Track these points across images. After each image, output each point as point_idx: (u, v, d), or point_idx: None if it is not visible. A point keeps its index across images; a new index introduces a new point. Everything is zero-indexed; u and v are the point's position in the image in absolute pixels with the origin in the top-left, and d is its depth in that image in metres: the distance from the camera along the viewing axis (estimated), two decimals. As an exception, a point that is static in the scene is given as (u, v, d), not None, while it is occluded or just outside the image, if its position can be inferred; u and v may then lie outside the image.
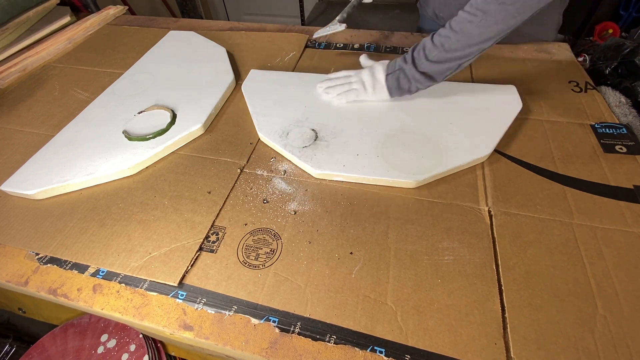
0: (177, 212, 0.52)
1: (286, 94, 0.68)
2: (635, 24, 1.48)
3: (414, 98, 0.64)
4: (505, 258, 0.44)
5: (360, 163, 0.54)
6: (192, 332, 0.41)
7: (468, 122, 0.59)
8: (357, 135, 0.59)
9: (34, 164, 0.59)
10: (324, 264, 0.45)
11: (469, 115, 0.61)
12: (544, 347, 0.37)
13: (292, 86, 0.70)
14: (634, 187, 0.50)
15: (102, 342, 0.59)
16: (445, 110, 0.62)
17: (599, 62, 0.72)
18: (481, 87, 0.66)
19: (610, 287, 0.41)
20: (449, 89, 0.66)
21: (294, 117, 0.63)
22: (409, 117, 0.61)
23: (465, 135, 0.57)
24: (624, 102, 0.62)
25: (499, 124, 0.58)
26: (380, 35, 0.87)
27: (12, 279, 0.47)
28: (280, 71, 0.74)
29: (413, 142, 0.57)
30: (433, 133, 0.58)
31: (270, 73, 0.74)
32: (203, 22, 0.98)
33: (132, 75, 0.77)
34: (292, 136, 0.59)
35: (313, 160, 0.55)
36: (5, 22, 0.95)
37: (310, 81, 0.70)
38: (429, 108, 0.63)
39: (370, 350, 0.38)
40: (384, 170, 0.53)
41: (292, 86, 0.70)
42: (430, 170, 0.52)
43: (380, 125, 0.60)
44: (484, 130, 0.58)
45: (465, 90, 0.66)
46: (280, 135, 0.60)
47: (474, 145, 0.55)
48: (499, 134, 0.57)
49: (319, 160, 0.55)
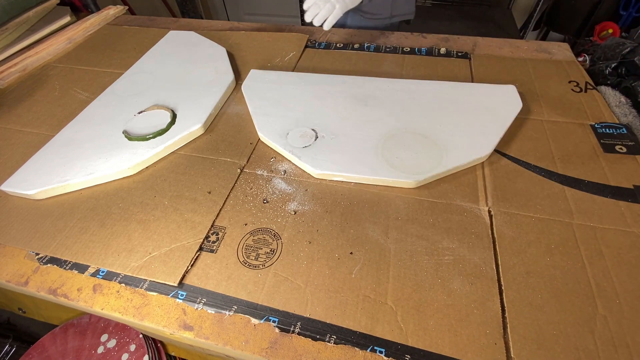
0: (177, 212, 0.52)
1: (286, 94, 0.68)
2: (635, 24, 1.49)
3: (414, 98, 0.64)
4: (505, 258, 0.44)
5: (361, 163, 0.54)
6: (192, 332, 0.41)
7: (468, 122, 0.59)
8: (357, 135, 0.59)
9: (34, 164, 0.59)
10: (324, 264, 0.45)
11: (469, 115, 0.60)
12: (544, 347, 0.37)
13: (292, 86, 0.70)
14: (633, 187, 0.50)
15: (102, 342, 0.59)
16: (446, 110, 0.62)
17: (599, 62, 0.72)
18: (481, 87, 0.66)
19: (610, 287, 0.41)
20: (449, 89, 0.66)
21: (294, 117, 0.63)
22: (409, 117, 0.61)
23: (465, 135, 0.57)
24: (624, 102, 0.63)
25: (499, 124, 0.58)
26: (380, 35, 0.87)
27: (12, 279, 0.47)
28: (280, 71, 0.74)
29: (413, 142, 0.57)
30: (433, 133, 0.58)
31: (270, 73, 0.74)
32: (203, 22, 0.98)
33: (132, 75, 0.77)
34: (292, 136, 0.59)
35: (313, 160, 0.55)
36: (5, 22, 0.95)
37: (310, 81, 0.70)
38: (429, 108, 0.63)
39: (370, 350, 0.38)
40: (384, 170, 0.53)
41: (292, 86, 0.70)
42: (430, 170, 0.52)
43: (380, 125, 0.60)
44: (484, 130, 0.57)
45: (465, 90, 0.66)
46: (280, 135, 0.60)
47: (473, 145, 0.55)
48: (499, 134, 0.57)
49: (319, 160, 0.55)
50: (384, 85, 0.68)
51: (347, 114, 0.63)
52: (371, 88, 0.68)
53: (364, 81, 0.69)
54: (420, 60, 0.77)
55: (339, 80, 0.70)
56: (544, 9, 1.71)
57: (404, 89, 0.67)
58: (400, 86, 0.68)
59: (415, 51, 0.80)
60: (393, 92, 0.67)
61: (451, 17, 1.70)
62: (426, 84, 0.68)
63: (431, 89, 0.60)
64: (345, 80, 0.70)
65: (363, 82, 0.69)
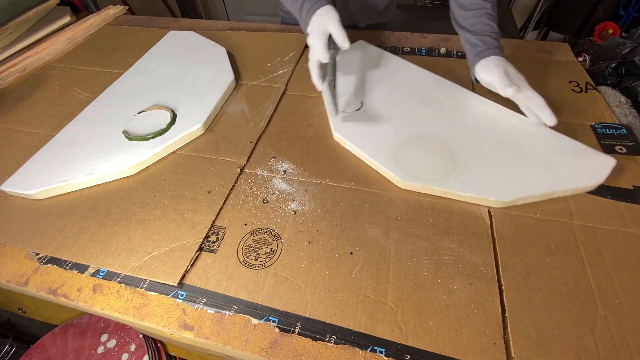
0: (177, 212, 0.52)
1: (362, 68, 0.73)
2: (635, 24, 1.48)
3: (476, 117, 0.60)
4: (505, 258, 0.44)
5: (372, 143, 0.57)
6: (192, 332, 0.41)
7: (520, 167, 0.52)
8: (392, 121, 0.61)
9: (34, 164, 0.59)
10: (324, 264, 0.45)
11: (528, 163, 0.53)
12: (544, 347, 0.37)
13: (375, 61, 0.75)
14: (633, 187, 0.50)
15: (102, 342, 0.59)
16: (505, 148, 0.55)
17: (599, 62, 0.72)
18: (570, 143, 0.55)
19: (610, 287, 0.41)
20: (530, 128, 0.58)
21: (356, 86, 0.68)
22: (454, 131, 0.58)
23: (496, 173, 0.52)
24: (624, 102, 0.62)
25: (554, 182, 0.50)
26: (380, 35, 0.87)
27: (12, 279, 0.47)
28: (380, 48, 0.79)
29: (433, 150, 0.55)
30: (462, 151, 0.55)
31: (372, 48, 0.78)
32: (203, 22, 0.98)
33: (132, 75, 0.77)
34: (343, 100, 0.65)
35: (341, 125, 0.60)
36: (5, 22, 0.95)
37: (395, 64, 0.74)
38: (486, 133, 0.57)
39: (370, 350, 0.38)
40: (386, 160, 0.54)
41: (375, 61, 0.75)
42: (442, 182, 0.51)
43: (418, 124, 0.60)
44: (523, 179, 0.51)
45: (544, 135, 0.56)
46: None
47: (494, 185, 0.50)
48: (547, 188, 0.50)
49: (345, 125, 0.60)
50: (456, 93, 0.65)
51: (399, 101, 0.64)
52: (440, 91, 0.66)
53: (439, 83, 0.68)
54: (420, 60, 0.77)
55: (419, 72, 0.71)
56: (544, 9, 1.71)
57: (472, 109, 0.62)
58: (474, 102, 0.63)
59: (415, 51, 0.80)
60: (459, 101, 0.63)
61: (451, 17, 1.70)
62: (502, 111, 0.61)
63: (505, 119, 0.56)
64: (424, 75, 0.70)
65: (438, 84, 0.68)
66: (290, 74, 0.76)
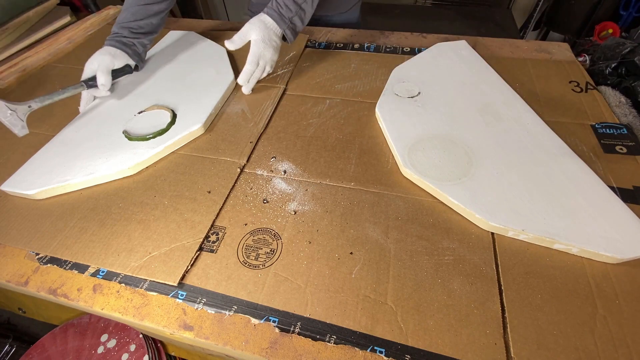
0: (177, 211, 0.52)
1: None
2: (635, 24, 1.49)
3: (518, 139, 0.56)
4: (505, 258, 0.44)
5: (398, 131, 0.58)
6: (192, 332, 0.41)
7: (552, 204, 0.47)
8: (434, 116, 0.61)
9: (34, 164, 0.59)
10: (324, 264, 0.45)
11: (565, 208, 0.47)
12: (544, 347, 0.37)
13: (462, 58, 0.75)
14: (633, 187, 0.50)
15: (102, 342, 0.59)
16: (538, 182, 0.50)
17: (599, 62, 0.72)
18: (619, 208, 0.46)
19: (610, 287, 0.41)
20: (592, 186, 0.50)
21: (419, 76, 0.70)
22: (485, 140, 0.57)
23: (519, 200, 0.48)
24: (624, 102, 0.63)
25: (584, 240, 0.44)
26: (380, 35, 0.87)
27: (12, 279, 0.47)
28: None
29: (447, 152, 0.55)
30: (478, 159, 0.53)
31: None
32: (203, 22, 0.98)
33: (132, 75, 0.77)
34: (402, 85, 0.67)
35: (389, 110, 0.63)
36: (5, 22, 0.95)
37: (476, 65, 0.73)
38: (539, 172, 0.51)
39: (370, 350, 0.38)
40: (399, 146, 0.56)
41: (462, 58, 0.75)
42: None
43: (454, 129, 0.59)
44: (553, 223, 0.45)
45: (596, 191, 0.49)
46: (398, 80, 0.68)
47: (505, 209, 0.47)
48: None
49: (390, 109, 0.63)
50: (524, 117, 0.60)
51: (456, 102, 0.64)
52: (507, 108, 0.62)
53: (510, 101, 0.63)
54: (420, 60, 0.77)
55: (497, 83, 0.67)
56: (544, 9, 1.71)
57: (525, 135, 0.57)
58: (535, 128, 0.58)
59: (415, 51, 0.80)
60: (517, 122, 0.59)
61: (451, 17, 1.71)
62: (560, 148, 0.54)
63: (555, 154, 0.52)
64: (501, 87, 0.66)
65: (509, 101, 0.63)
66: (290, 74, 0.76)
